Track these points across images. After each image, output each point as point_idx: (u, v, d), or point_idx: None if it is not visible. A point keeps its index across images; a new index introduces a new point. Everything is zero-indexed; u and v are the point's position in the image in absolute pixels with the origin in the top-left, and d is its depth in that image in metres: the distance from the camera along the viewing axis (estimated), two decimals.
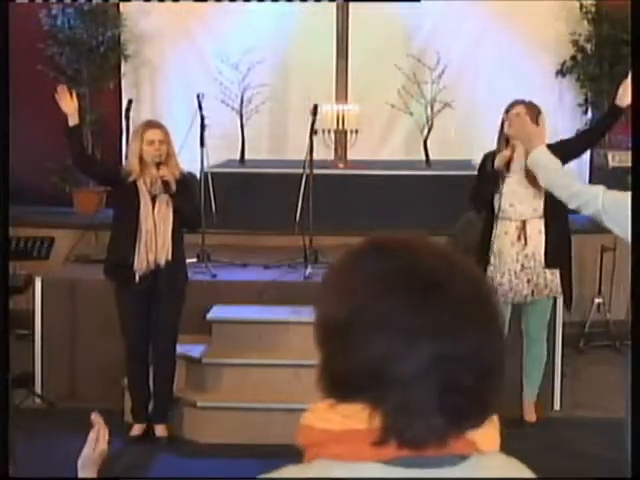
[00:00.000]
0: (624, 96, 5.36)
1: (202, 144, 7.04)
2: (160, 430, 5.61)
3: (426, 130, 8.61)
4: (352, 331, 1.15)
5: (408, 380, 1.13)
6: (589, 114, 8.94)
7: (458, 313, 1.15)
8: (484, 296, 1.19)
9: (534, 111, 5.49)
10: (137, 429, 5.62)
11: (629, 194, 3.85)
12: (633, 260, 3.72)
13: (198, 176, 7.06)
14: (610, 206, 3.84)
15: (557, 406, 6.17)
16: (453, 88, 8.70)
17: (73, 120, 5.49)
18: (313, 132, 6.87)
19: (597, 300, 7.53)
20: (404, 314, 1.14)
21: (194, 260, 6.70)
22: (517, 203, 5.56)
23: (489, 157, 5.72)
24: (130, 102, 7.33)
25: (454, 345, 1.14)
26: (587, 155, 9.04)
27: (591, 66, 8.72)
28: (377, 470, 1.15)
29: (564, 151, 5.70)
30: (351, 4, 8.60)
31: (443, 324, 1.14)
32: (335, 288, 1.20)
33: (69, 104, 5.49)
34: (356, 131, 8.42)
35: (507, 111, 5.61)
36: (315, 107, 6.94)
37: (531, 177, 5.42)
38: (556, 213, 5.52)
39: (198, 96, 7.24)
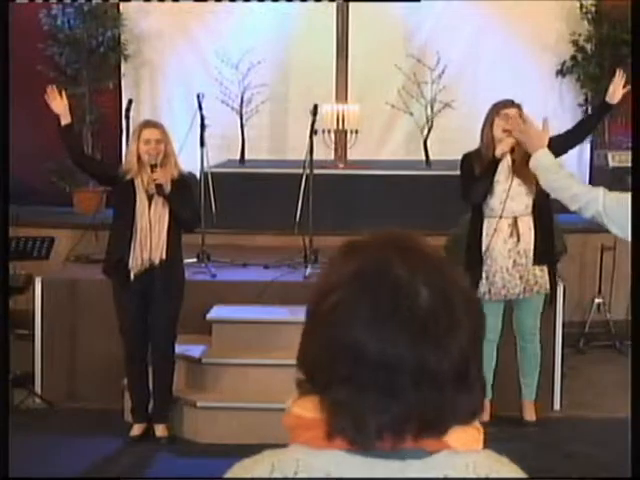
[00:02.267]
0: (614, 94, 5.51)
1: (202, 144, 7.04)
2: (160, 430, 5.61)
3: (426, 130, 8.61)
4: (313, 324, 1.19)
5: (350, 381, 1.14)
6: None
7: (410, 322, 1.14)
8: (445, 306, 1.16)
9: (521, 112, 5.53)
10: (137, 429, 5.62)
11: (629, 195, 3.85)
12: (633, 260, 3.72)
13: (198, 176, 7.05)
14: (611, 208, 3.84)
15: (557, 406, 6.16)
16: (453, 88, 8.70)
17: (65, 119, 5.51)
18: (313, 132, 6.87)
19: (597, 300, 7.52)
20: (361, 316, 1.14)
21: (194, 260, 6.71)
22: (509, 200, 5.49)
23: (472, 156, 5.62)
24: (130, 102, 7.33)
25: (401, 353, 1.13)
26: (587, 155, 9.05)
27: (591, 66, 8.72)
28: (340, 458, 1.16)
29: (554, 148, 5.71)
30: (351, 4, 8.60)
31: (392, 333, 1.13)
32: (314, 287, 1.23)
33: (59, 104, 5.50)
34: (356, 131, 8.41)
35: (498, 111, 5.57)
36: (315, 107, 6.94)
37: (523, 174, 5.42)
38: (543, 210, 5.53)
39: (198, 96, 7.24)
